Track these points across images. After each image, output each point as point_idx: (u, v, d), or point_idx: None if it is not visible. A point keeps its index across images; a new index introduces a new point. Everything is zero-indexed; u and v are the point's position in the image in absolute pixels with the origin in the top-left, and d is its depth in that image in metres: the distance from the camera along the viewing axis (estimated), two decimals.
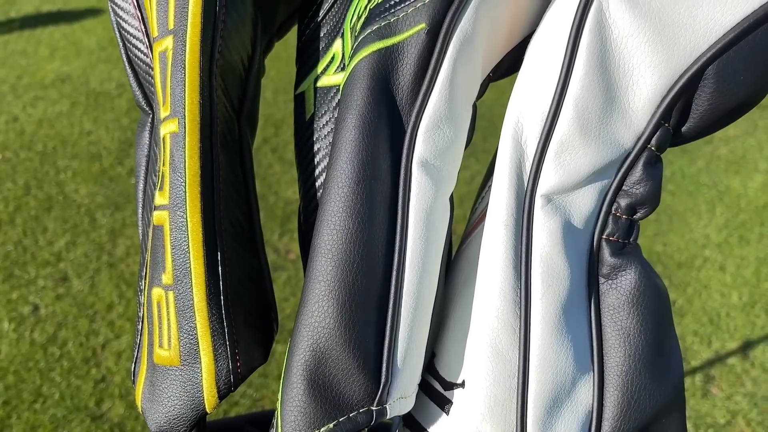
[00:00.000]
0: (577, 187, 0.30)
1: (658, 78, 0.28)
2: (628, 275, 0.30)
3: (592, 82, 0.28)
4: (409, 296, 0.30)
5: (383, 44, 0.29)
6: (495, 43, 0.32)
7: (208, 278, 0.31)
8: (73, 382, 1.44)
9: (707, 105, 0.29)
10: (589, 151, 0.29)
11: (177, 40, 0.32)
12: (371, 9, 0.31)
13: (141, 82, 0.37)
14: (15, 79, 2.59)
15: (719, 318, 1.65)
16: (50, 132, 2.28)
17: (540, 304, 0.29)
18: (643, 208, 0.30)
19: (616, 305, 0.30)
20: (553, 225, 0.30)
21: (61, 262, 1.75)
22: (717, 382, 1.48)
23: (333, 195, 0.30)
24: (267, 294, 0.35)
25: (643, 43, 0.28)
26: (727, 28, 0.27)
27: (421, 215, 0.30)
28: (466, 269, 0.34)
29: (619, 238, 0.31)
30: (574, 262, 0.30)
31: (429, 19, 0.29)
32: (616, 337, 0.30)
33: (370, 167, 0.29)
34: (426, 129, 0.30)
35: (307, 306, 0.29)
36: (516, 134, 0.30)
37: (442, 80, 0.29)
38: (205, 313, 0.31)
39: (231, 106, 0.34)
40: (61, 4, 3.31)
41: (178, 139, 0.31)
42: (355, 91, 0.30)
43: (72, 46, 2.88)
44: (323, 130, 0.35)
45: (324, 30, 0.35)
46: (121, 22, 0.36)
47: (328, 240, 0.29)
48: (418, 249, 0.30)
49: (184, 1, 0.32)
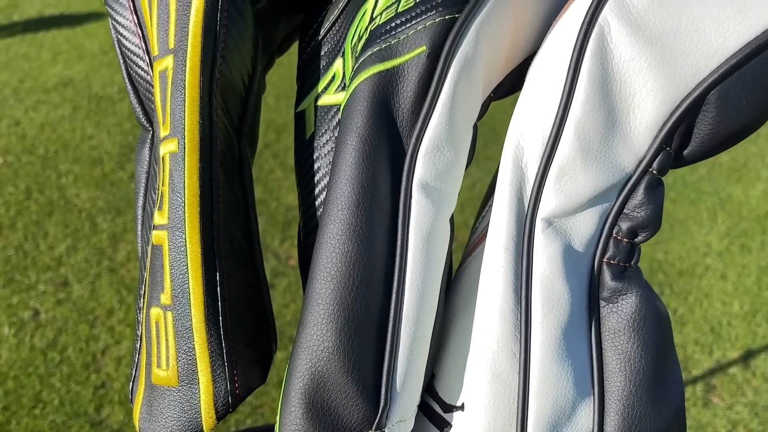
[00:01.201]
0: (578, 211, 0.30)
1: (660, 102, 0.28)
2: (629, 299, 0.30)
3: (593, 106, 0.28)
4: (408, 319, 0.29)
5: (384, 66, 0.29)
6: (496, 65, 0.32)
7: (207, 299, 0.31)
8: (73, 387, 1.44)
9: (709, 129, 0.29)
10: (590, 175, 0.29)
11: (177, 60, 0.32)
12: (372, 30, 0.31)
13: (141, 98, 0.37)
14: (17, 83, 2.59)
15: (720, 327, 1.64)
16: (52, 136, 2.28)
17: (540, 328, 0.29)
18: (645, 232, 0.30)
19: (617, 329, 0.30)
20: (554, 249, 0.29)
21: (62, 267, 1.75)
22: (718, 392, 1.48)
23: (333, 217, 0.29)
24: (266, 313, 0.35)
25: (644, 67, 0.28)
26: (730, 54, 0.27)
27: (420, 238, 0.30)
28: (466, 290, 0.34)
29: (620, 262, 0.30)
30: (574, 285, 0.30)
31: (430, 42, 0.29)
32: (617, 361, 0.30)
33: (370, 190, 0.29)
34: (426, 151, 0.30)
35: (305, 329, 0.29)
36: (517, 157, 0.30)
37: (442, 103, 0.29)
38: (203, 334, 0.31)
39: (231, 124, 0.34)
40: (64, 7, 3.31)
41: (177, 159, 0.31)
42: (356, 113, 0.29)
43: (74, 50, 2.89)
44: (323, 148, 0.35)
45: (325, 49, 0.35)
46: (122, 39, 0.36)
47: (328, 263, 0.29)
48: (417, 272, 0.30)
49: (184, 20, 0.32)
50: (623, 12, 0.27)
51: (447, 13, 0.29)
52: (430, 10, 0.29)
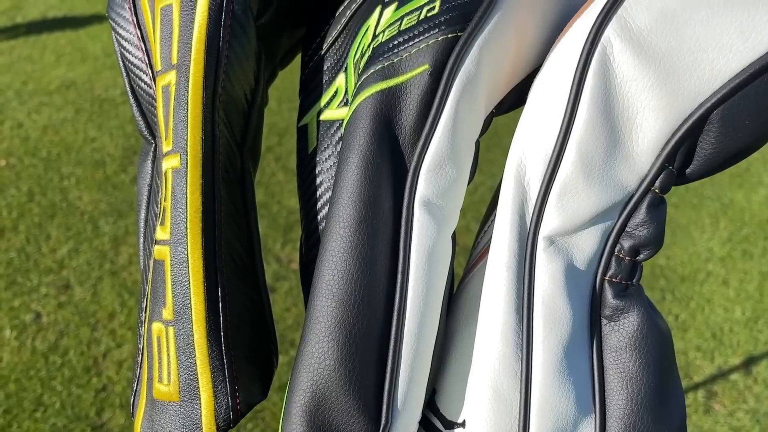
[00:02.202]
0: (580, 229, 0.30)
1: (662, 122, 0.28)
2: (630, 318, 0.30)
3: (595, 125, 0.28)
4: (409, 337, 0.29)
5: (386, 85, 0.29)
6: (498, 82, 0.32)
7: (209, 315, 0.31)
8: (74, 391, 1.44)
9: (712, 149, 0.29)
10: (592, 193, 0.29)
11: (180, 76, 0.32)
12: (374, 48, 0.31)
13: (144, 111, 0.37)
14: (20, 85, 2.60)
15: (722, 333, 1.64)
16: (54, 138, 2.28)
17: (542, 347, 0.29)
18: (647, 250, 0.30)
19: (619, 347, 0.30)
20: (556, 267, 0.29)
21: (64, 270, 1.75)
22: (719, 398, 1.48)
23: (334, 235, 0.29)
24: (267, 328, 0.35)
25: (647, 87, 0.28)
26: (733, 74, 0.27)
27: (422, 255, 0.30)
28: (467, 305, 0.34)
29: (621, 280, 0.30)
30: (576, 304, 0.30)
31: (432, 61, 0.29)
32: (619, 380, 0.30)
33: (372, 207, 0.29)
34: (428, 169, 0.30)
35: (307, 347, 0.29)
36: (519, 175, 0.30)
37: (444, 121, 0.29)
38: (204, 349, 0.31)
39: (233, 139, 0.34)
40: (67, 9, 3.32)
41: (179, 175, 0.31)
42: (358, 131, 0.30)
43: (77, 52, 2.89)
44: (326, 163, 0.35)
45: (327, 64, 0.35)
46: (124, 53, 0.36)
47: (329, 281, 0.29)
48: (419, 289, 0.30)
49: (187, 36, 0.32)
50: (626, 32, 0.27)
51: (450, 31, 0.29)
52: (432, 29, 0.29)
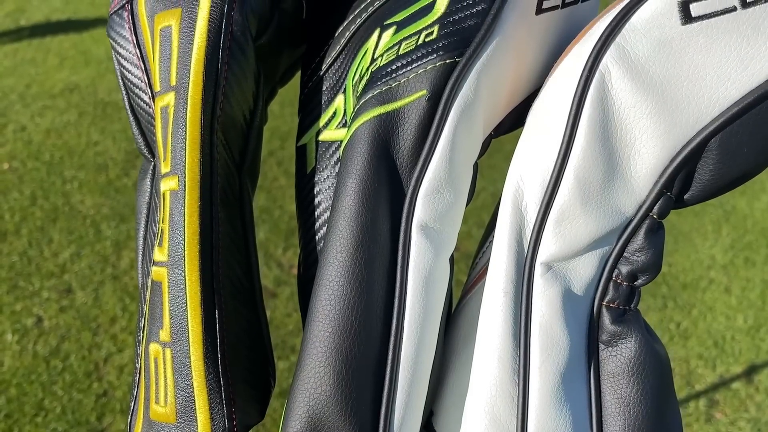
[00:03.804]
0: (578, 255, 0.30)
1: (660, 149, 0.28)
2: (628, 343, 0.30)
3: (593, 152, 0.28)
4: (406, 362, 0.29)
5: (384, 109, 0.29)
6: (497, 105, 0.32)
7: (206, 337, 0.31)
8: (75, 396, 1.44)
9: (710, 175, 0.29)
10: (590, 219, 0.29)
11: (179, 98, 0.32)
12: (373, 72, 0.31)
13: (143, 130, 0.37)
14: (24, 88, 2.60)
15: (724, 341, 1.64)
16: (57, 142, 2.29)
17: (539, 373, 0.29)
18: (645, 276, 0.30)
19: (616, 373, 0.30)
20: (553, 293, 0.29)
21: (66, 274, 1.75)
22: (721, 407, 1.47)
23: (331, 259, 0.29)
24: (265, 349, 0.35)
25: (645, 114, 0.28)
26: (731, 102, 0.27)
27: (420, 280, 0.30)
28: (465, 327, 0.34)
29: (619, 305, 0.30)
30: (573, 329, 0.30)
31: (430, 86, 0.29)
32: (616, 406, 0.30)
33: (370, 232, 0.29)
34: (426, 193, 0.30)
35: (303, 371, 0.29)
36: (516, 200, 0.30)
37: (442, 146, 0.29)
38: (201, 371, 0.31)
39: (232, 160, 0.34)
40: (71, 13, 3.33)
41: (177, 197, 0.31)
42: (356, 155, 0.30)
43: (81, 56, 2.90)
44: (324, 183, 0.35)
45: (326, 84, 0.35)
46: (124, 72, 0.36)
47: (326, 305, 0.29)
48: (416, 314, 0.29)
49: (186, 58, 0.32)
50: (624, 59, 0.27)
51: (448, 57, 0.29)
52: (430, 54, 0.29)
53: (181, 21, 0.32)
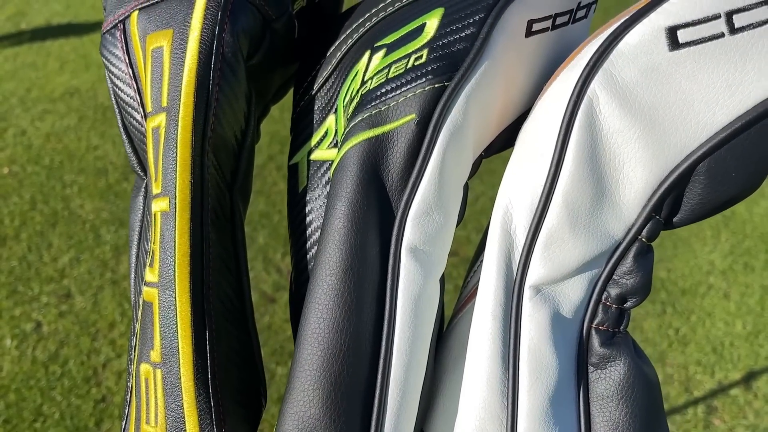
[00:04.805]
0: (567, 278, 0.30)
1: (648, 173, 0.28)
2: (617, 366, 0.30)
3: (581, 176, 0.28)
4: (395, 384, 0.29)
5: (373, 133, 0.29)
6: (486, 128, 0.32)
7: (196, 358, 0.31)
8: (74, 401, 1.44)
9: (699, 199, 0.29)
10: (579, 243, 0.29)
11: (170, 119, 0.32)
12: (363, 95, 0.31)
13: (136, 148, 0.37)
14: (24, 92, 2.61)
15: (723, 347, 1.63)
16: (57, 146, 2.29)
17: (527, 396, 0.29)
18: (634, 298, 0.30)
19: (606, 395, 0.30)
20: (542, 316, 0.29)
21: (65, 279, 1.75)
22: (719, 414, 1.47)
23: (321, 282, 0.29)
24: (256, 369, 0.35)
25: (633, 139, 0.28)
26: (719, 127, 0.27)
27: (409, 302, 0.30)
28: (456, 347, 0.34)
29: (609, 327, 0.30)
30: (562, 352, 0.30)
31: (419, 111, 0.29)
32: (605, 428, 0.30)
33: (359, 255, 0.29)
34: (415, 216, 0.30)
35: (292, 394, 0.29)
36: (505, 223, 0.30)
37: (431, 169, 0.29)
38: (192, 393, 0.31)
39: (223, 180, 0.34)
40: (72, 16, 3.33)
41: (168, 218, 0.32)
42: (345, 178, 0.30)
43: (81, 60, 2.90)
44: (315, 202, 0.35)
45: (318, 104, 0.35)
46: (117, 91, 0.36)
47: (315, 328, 0.29)
48: (405, 337, 0.30)
49: (177, 79, 0.32)
50: (612, 85, 0.27)
51: (437, 81, 0.29)
52: (419, 78, 0.29)
53: (173, 42, 0.33)
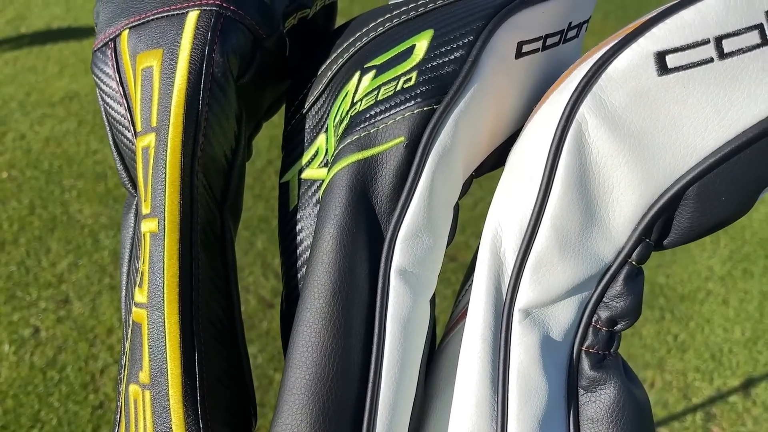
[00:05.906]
0: (557, 301, 0.30)
1: (638, 197, 0.28)
2: (607, 389, 0.30)
3: (570, 200, 0.28)
4: (384, 408, 0.29)
5: (362, 155, 0.29)
6: (476, 149, 0.32)
7: (185, 380, 0.31)
8: (71, 407, 1.44)
9: (688, 222, 0.29)
10: (568, 266, 0.29)
11: (159, 140, 0.32)
12: (353, 116, 0.31)
13: (127, 166, 0.37)
14: (24, 96, 2.61)
15: (721, 354, 1.63)
16: (57, 150, 2.29)
17: (516, 420, 0.29)
18: (624, 321, 0.30)
19: (596, 419, 0.30)
20: (531, 339, 0.29)
21: (63, 284, 1.75)
22: (718, 421, 1.47)
23: (309, 305, 0.29)
24: (246, 389, 0.35)
25: (622, 163, 0.28)
26: (708, 152, 0.27)
27: (398, 325, 0.30)
28: (446, 368, 0.34)
29: (599, 350, 0.30)
30: (552, 375, 0.30)
31: (408, 133, 0.29)
32: None
33: (348, 278, 0.29)
34: (404, 238, 0.30)
35: (280, 418, 0.29)
36: (494, 246, 0.30)
37: (420, 192, 0.29)
38: (180, 415, 0.31)
39: (213, 200, 0.34)
40: (72, 20, 3.33)
41: (157, 239, 0.31)
42: (334, 200, 0.29)
43: (81, 63, 2.90)
44: (306, 221, 0.35)
45: (309, 123, 0.35)
46: (108, 109, 0.36)
47: (303, 352, 0.29)
48: (394, 360, 0.29)
49: (166, 99, 0.32)
50: (601, 109, 0.27)
51: (425, 104, 0.29)
52: (408, 101, 0.29)
53: (163, 62, 0.33)
